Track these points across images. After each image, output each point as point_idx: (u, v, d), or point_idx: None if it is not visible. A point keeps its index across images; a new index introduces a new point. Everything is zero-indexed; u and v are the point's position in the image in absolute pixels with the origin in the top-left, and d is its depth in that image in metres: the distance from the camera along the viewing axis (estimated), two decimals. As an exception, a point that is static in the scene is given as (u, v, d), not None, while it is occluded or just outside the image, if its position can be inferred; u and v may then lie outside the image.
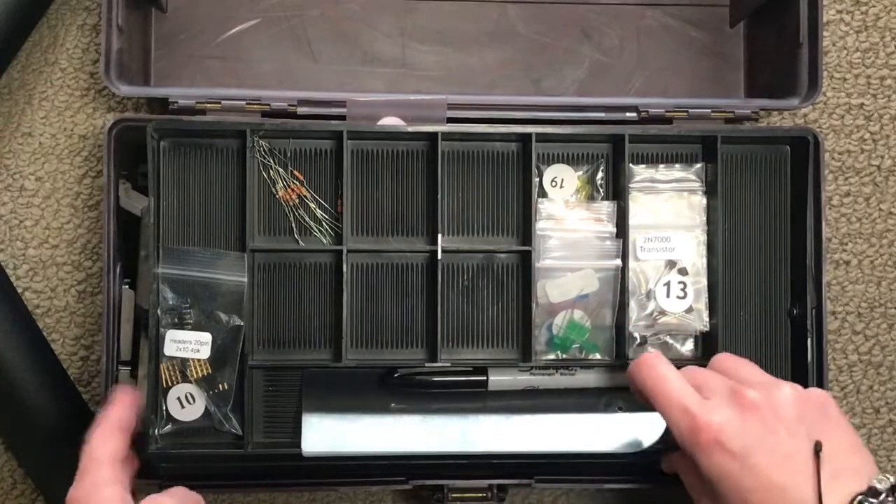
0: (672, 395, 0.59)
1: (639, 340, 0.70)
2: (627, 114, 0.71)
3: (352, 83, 0.76)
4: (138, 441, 0.65)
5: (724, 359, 0.63)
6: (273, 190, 0.68)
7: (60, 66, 0.76)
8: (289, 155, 0.68)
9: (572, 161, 0.71)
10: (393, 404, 0.68)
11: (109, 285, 0.68)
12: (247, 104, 0.69)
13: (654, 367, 0.61)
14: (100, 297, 0.76)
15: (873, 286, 0.80)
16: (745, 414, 0.57)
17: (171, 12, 0.75)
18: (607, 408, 0.69)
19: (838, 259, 0.80)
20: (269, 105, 0.69)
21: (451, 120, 0.69)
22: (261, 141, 0.67)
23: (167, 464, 0.67)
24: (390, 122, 0.69)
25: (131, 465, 0.63)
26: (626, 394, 0.66)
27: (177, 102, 0.69)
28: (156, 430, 0.66)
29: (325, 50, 0.76)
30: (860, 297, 0.80)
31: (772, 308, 0.71)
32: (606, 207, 0.70)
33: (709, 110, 0.71)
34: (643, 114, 0.71)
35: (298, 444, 0.66)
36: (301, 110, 0.69)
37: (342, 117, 0.69)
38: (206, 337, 0.66)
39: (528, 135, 0.69)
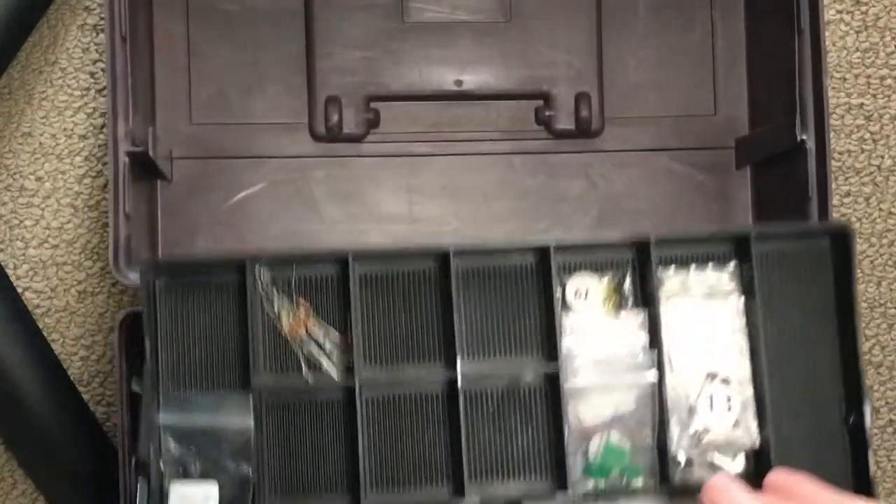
0: None
1: (684, 462, 0.64)
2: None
3: (360, 242, 0.75)
4: None
5: (782, 478, 0.58)
6: (277, 324, 0.64)
7: (60, 65, 0.76)
8: (292, 284, 0.64)
9: (595, 269, 0.65)
10: None
11: (126, 478, 0.65)
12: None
13: (725, 493, 0.56)
14: (100, 296, 0.76)
15: (873, 286, 0.80)
16: None
17: (175, 182, 0.74)
18: None
19: (838, 259, 0.80)
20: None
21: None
22: (262, 268, 0.63)
23: None
24: None
25: None
26: None
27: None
28: None
29: (332, 210, 0.76)
30: (860, 297, 0.80)
31: (825, 416, 0.66)
32: (636, 317, 0.65)
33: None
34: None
35: None
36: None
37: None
38: (213, 490, 0.61)
39: (546, 247, 0.64)
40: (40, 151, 0.76)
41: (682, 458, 0.64)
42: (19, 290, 0.75)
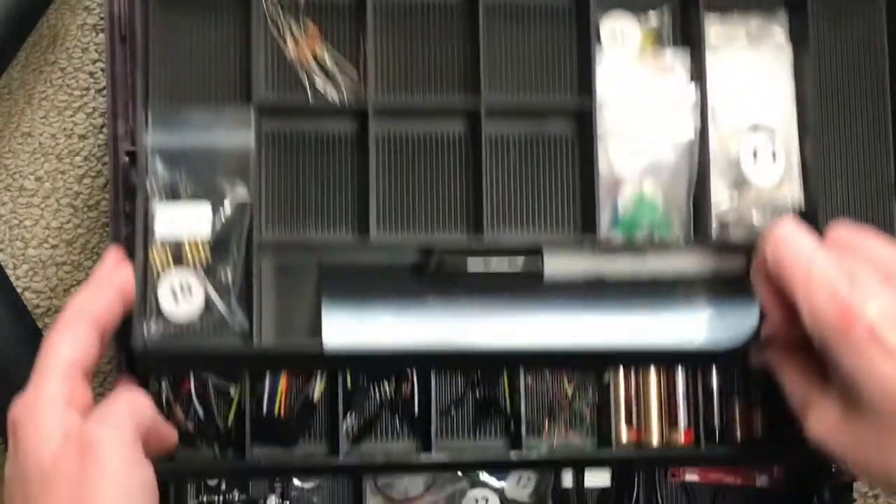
0: (815, 275, 0.48)
1: (721, 219, 0.58)
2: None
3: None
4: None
5: (847, 233, 0.51)
6: (283, 48, 0.57)
7: (60, 65, 0.76)
8: (300, 6, 0.58)
9: (633, 9, 0.60)
10: (429, 299, 0.56)
11: None
12: None
13: (791, 243, 0.50)
14: (100, 296, 0.76)
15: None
16: None
17: None
18: (687, 299, 0.57)
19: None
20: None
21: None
22: None
23: (154, 366, 0.57)
24: None
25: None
26: (708, 282, 0.57)
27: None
28: (143, 330, 0.53)
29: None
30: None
31: (874, 181, 0.60)
32: (677, 60, 0.59)
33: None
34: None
35: (316, 343, 0.54)
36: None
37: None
38: (206, 209, 0.54)
39: None
40: (40, 151, 0.76)
41: (719, 214, 0.58)
42: (19, 290, 0.75)
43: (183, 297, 0.54)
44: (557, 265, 0.56)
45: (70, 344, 0.49)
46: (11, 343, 0.72)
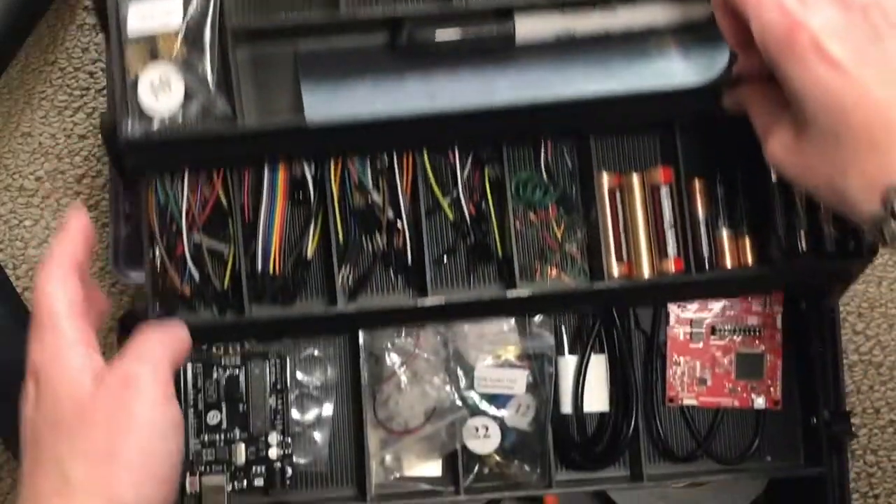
0: None
1: None
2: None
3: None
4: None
5: None
6: None
7: (60, 65, 0.76)
8: None
9: None
10: (405, 72, 0.56)
11: None
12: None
13: None
14: (100, 296, 0.76)
15: (873, 286, 0.80)
16: (851, 16, 0.47)
17: None
18: (659, 48, 0.57)
19: (838, 259, 0.80)
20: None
21: None
22: None
23: (141, 164, 0.56)
24: None
25: (93, 306, 0.53)
26: (678, 31, 0.57)
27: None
28: (127, 128, 0.52)
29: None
30: (860, 297, 0.80)
31: None
32: None
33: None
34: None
35: (299, 118, 0.54)
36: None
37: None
38: (176, 1, 0.54)
39: None
40: (40, 151, 0.76)
41: None
42: (19, 290, 0.75)
43: (163, 91, 0.53)
44: (529, 26, 0.55)
45: (63, 290, 0.51)
46: (11, 343, 0.72)
